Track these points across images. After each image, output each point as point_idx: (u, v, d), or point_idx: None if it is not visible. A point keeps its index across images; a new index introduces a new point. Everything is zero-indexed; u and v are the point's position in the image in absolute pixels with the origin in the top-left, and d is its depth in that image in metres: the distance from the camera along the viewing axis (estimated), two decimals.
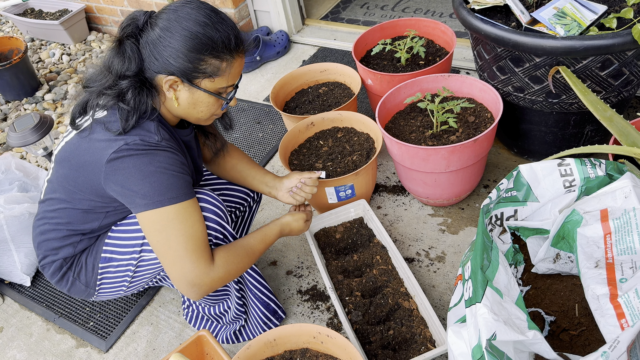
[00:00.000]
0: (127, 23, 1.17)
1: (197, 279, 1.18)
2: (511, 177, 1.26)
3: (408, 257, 1.69)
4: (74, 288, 1.37)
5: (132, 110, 1.15)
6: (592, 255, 1.07)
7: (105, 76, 1.19)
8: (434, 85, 1.81)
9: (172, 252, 1.16)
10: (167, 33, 1.13)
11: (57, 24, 3.25)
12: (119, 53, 1.17)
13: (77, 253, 1.33)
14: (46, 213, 1.32)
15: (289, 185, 1.55)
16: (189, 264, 1.17)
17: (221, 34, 1.15)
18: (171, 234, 1.15)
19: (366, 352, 1.37)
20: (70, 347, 1.70)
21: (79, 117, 1.23)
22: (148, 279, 1.38)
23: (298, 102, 2.16)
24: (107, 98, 1.17)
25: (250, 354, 1.26)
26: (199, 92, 1.20)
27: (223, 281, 1.23)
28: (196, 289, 1.19)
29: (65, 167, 1.24)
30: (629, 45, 1.36)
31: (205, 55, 1.14)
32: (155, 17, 1.17)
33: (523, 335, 0.95)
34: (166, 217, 1.15)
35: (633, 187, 1.08)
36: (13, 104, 2.99)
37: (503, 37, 1.49)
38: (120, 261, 1.32)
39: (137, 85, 1.16)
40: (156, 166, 1.14)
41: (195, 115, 1.25)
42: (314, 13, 3.12)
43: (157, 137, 1.16)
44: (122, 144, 1.13)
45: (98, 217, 1.28)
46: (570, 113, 1.60)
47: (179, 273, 1.17)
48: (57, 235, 1.31)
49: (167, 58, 1.14)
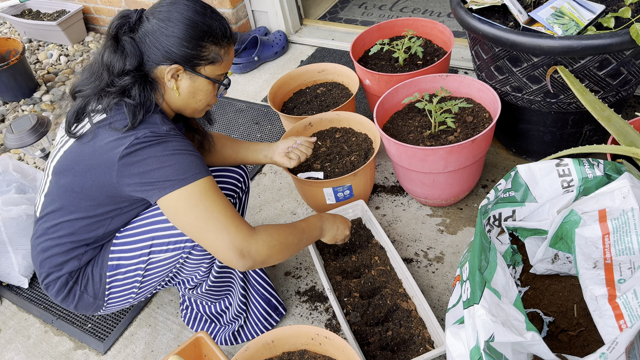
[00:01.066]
0: (119, 21, 1.19)
1: (245, 242, 1.17)
2: (509, 178, 1.26)
3: (406, 258, 1.68)
4: (82, 302, 1.32)
5: (138, 104, 1.16)
6: (590, 256, 1.07)
7: (98, 77, 1.19)
8: (432, 85, 1.81)
9: (213, 222, 1.15)
10: (169, 23, 1.16)
11: (54, 24, 3.25)
12: (116, 50, 1.17)
13: (82, 265, 1.29)
14: (46, 229, 1.27)
15: (284, 146, 1.60)
16: (234, 228, 1.16)
17: (218, 23, 1.22)
18: (208, 206, 1.15)
19: (365, 353, 1.37)
20: (68, 349, 1.70)
21: (74, 124, 1.21)
22: (157, 282, 1.36)
23: (296, 102, 2.15)
24: (109, 97, 1.17)
25: (248, 355, 1.26)
26: (200, 79, 1.23)
27: (270, 249, 1.21)
28: (245, 255, 1.17)
29: (68, 176, 1.22)
30: (626, 44, 1.36)
31: (206, 42, 1.20)
32: (149, 11, 1.20)
33: (521, 337, 0.95)
34: (197, 191, 1.15)
35: (631, 187, 1.07)
36: (11, 105, 2.99)
37: (501, 37, 1.49)
38: (129, 267, 1.29)
39: (140, 80, 1.18)
40: (171, 150, 1.14)
41: (193, 105, 1.28)
42: (312, 13, 3.12)
43: (165, 128, 1.17)
44: (132, 139, 1.12)
45: (103, 223, 1.26)
46: (569, 113, 1.60)
47: (225, 241, 1.16)
48: (61, 250, 1.27)
49: (169, 47, 1.17)
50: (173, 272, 1.37)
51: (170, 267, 1.33)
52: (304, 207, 1.96)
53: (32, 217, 1.89)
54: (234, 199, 1.64)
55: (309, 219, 1.42)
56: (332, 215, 1.51)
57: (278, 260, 1.26)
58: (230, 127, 2.44)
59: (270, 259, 1.23)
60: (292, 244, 1.29)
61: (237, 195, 1.65)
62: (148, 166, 1.13)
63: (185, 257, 1.32)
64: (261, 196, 2.05)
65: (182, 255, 1.30)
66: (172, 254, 1.29)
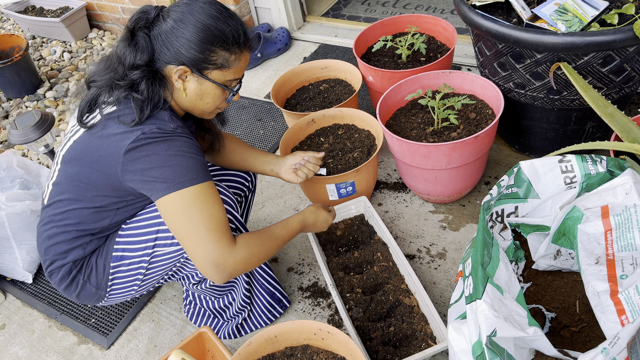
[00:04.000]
0: (138, 16, 1.20)
1: (221, 258, 1.17)
2: (512, 174, 1.26)
3: (409, 254, 1.69)
4: (84, 292, 1.33)
5: (146, 99, 1.17)
6: (592, 252, 1.07)
7: (113, 69, 1.20)
8: (435, 81, 1.81)
9: (194, 233, 1.16)
10: (180, 24, 1.17)
11: (58, 21, 3.25)
12: (130, 44, 1.19)
13: (86, 255, 1.31)
14: (53, 216, 1.29)
15: (292, 162, 1.58)
16: (212, 243, 1.17)
17: (232, 28, 1.20)
18: (193, 215, 1.16)
19: (367, 348, 1.37)
20: (72, 343, 1.71)
21: (86, 114, 1.22)
22: (160, 275, 1.37)
23: (299, 99, 2.16)
24: (119, 90, 1.18)
25: (251, 350, 1.27)
26: (207, 83, 1.23)
27: (247, 263, 1.22)
28: (220, 270, 1.18)
29: (76, 166, 1.23)
30: (630, 41, 1.36)
31: (216, 47, 1.19)
32: (166, 10, 1.21)
33: (523, 332, 0.95)
34: (188, 198, 1.15)
35: (634, 183, 1.07)
36: (14, 101, 3.00)
37: (504, 34, 1.49)
38: (132, 259, 1.30)
39: (149, 76, 1.18)
40: (175, 150, 1.15)
41: (201, 107, 1.28)
42: (315, 10, 3.12)
43: (172, 125, 1.17)
44: (139, 133, 1.13)
45: (109, 214, 1.27)
46: (572, 109, 1.60)
47: (202, 254, 1.17)
48: (66, 237, 1.29)
49: (178, 48, 1.17)
50: (177, 266, 1.37)
51: (174, 261, 1.34)
52: (306, 204, 1.96)
53: (35, 213, 1.90)
54: (240, 197, 1.65)
55: (289, 225, 1.40)
56: (312, 207, 1.50)
57: (257, 265, 1.28)
58: (233, 124, 2.44)
59: (248, 269, 1.25)
60: (271, 249, 1.30)
61: (243, 194, 1.66)
62: (150, 163, 1.14)
63: None
64: (264, 192, 2.05)
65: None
66: (176, 247, 1.30)
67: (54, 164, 1.32)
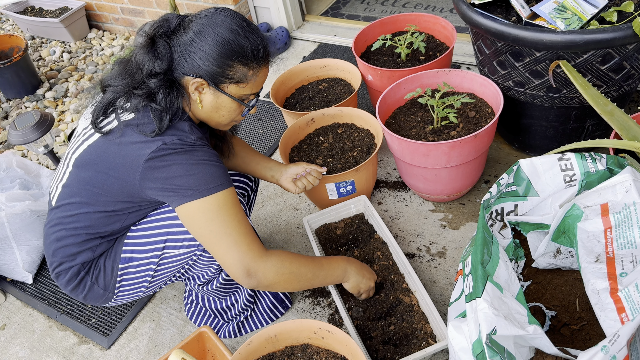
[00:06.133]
0: (160, 24, 1.19)
1: (253, 262, 1.18)
2: (511, 172, 1.26)
3: (409, 253, 1.69)
4: (92, 293, 1.33)
5: (164, 109, 1.16)
6: (592, 250, 1.07)
7: (131, 74, 1.19)
8: (435, 80, 1.81)
9: (226, 238, 1.16)
10: (200, 37, 1.15)
11: (57, 21, 3.25)
12: (150, 51, 1.17)
13: (95, 257, 1.30)
14: (62, 219, 1.28)
15: (294, 171, 1.59)
16: (245, 246, 1.17)
17: (251, 43, 1.18)
18: (225, 220, 1.16)
19: (367, 347, 1.37)
20: (73, 344, 1.71)
21: (101, 118, 1.21)
22: (167, 277, 1.37)
23: (298, 98, 2.16)
24: (136, 99, 1.17)
25: (252, 349, 1.27)
26: (223, 96, 1.22)
27: (277, 273, 1.22)
28: (252, 275, 1.19)
29: (90, 170, 1.21)
30: (629, 39, 1.36)
31: (234, 62, 1.17)
32: (188, 20, 1.19)
33: (523, 330, 0.95)
34: (216, 204, 1.15)
35: (633, 181, 1.07)
36: (14, 102, 3.00)
37: (503, 32, 1.49)
38: (141, 260, 1.30)
39: (167, 85, 1.17)
40: (197, 159, 1.15)
41: (217, 119, 1.27)
42: (314, 9, 3.12)
43: (193, 137, 1.17)
44: (160, 144, 1.13)
45: (121, 218, 1.27)
46: (571, 107, 1.60)
47: (235, 258, 1.17)
48: (76, 240, 1.27)
49: (197, 60, 1.16)
50: (185, 267, 1.37)
51: (182, 263, 1.34)
52: (306, 203, 1.96)
53: (36, 213, 1.90)
54: (244, 197, 1.65)
55: (334, 258, 1.40)
56: (359, 262, 1.46)
57: (286, 288, 1.26)
58: None
59: (277, 285, 1.24)
60: (305, 277, 1.28)
61: (247, 193, 1.66)
62: (172, 172, 1.13)
63: (199, 254, 1.33)
64: (264, 192, 2.05)
65: (195, 252, 1.31)
66: (186, 250, 1.30)
67: (63, 165, 1.30)
